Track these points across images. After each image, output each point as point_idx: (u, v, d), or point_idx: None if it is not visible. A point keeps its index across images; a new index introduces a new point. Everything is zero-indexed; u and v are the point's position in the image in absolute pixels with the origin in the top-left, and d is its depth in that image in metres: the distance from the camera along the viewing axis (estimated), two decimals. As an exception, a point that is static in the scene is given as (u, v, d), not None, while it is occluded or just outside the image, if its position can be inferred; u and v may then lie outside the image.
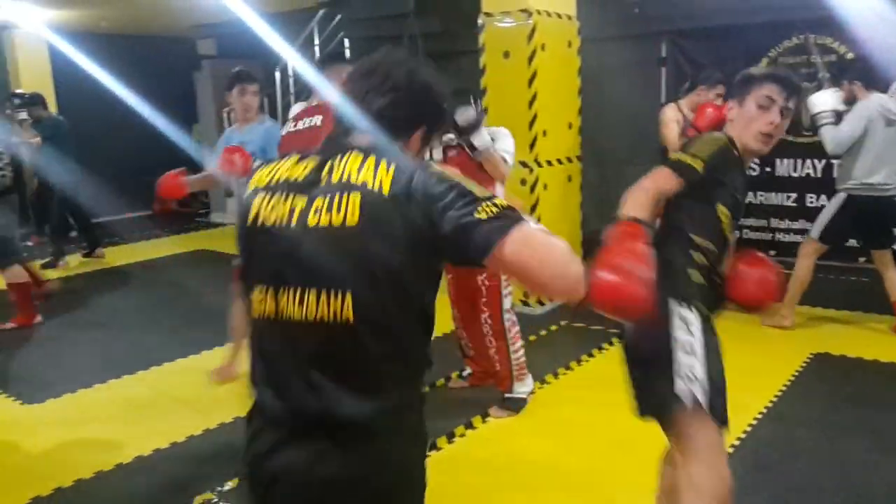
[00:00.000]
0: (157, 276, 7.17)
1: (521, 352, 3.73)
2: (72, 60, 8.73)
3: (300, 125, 2.96)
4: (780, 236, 6.37)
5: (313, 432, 1.28)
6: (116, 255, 7.96)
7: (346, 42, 8.37)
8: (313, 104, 3.08)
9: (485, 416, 3.70)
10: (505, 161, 3.57)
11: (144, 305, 6.10)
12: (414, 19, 7.16)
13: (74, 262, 7.66)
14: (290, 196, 1.32)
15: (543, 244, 1.22)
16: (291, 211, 1.31)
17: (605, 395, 3.91)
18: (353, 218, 1.25)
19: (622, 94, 6.62)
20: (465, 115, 3.42)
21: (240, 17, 7.63)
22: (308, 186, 1.32)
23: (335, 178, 1.30)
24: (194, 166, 10.98)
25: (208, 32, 10.50)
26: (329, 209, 1.27)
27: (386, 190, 1.25)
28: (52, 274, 6.95)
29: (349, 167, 1.30)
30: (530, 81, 5.06)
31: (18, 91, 7.47)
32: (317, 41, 8.33)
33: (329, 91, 2.98)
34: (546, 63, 5.14)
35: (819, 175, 6.09)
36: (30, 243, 8.02)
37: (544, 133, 5.19)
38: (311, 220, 1.28)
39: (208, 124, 10.13)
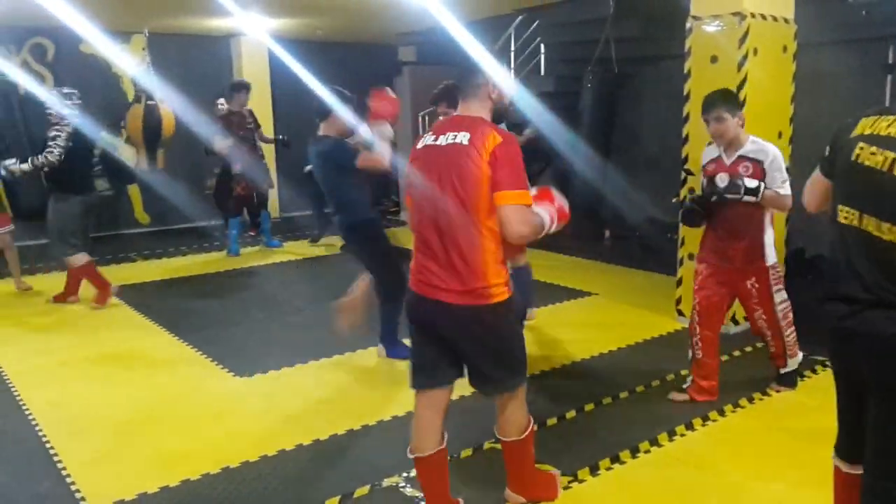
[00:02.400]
0: (352, 268, 7.57)
1: (794, 333, 3.99)
2: (286, 66, 9.48)
3: (441, 140, 2.61)
4: None
5: (875, 305, 1.90)
6: (319, 246, 8.57)
7: (542, 48, 8.42)
8: (456, 114, 2.74)
9: (671, 434, 3.56)
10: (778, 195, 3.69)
11: (341, 294, 6.47)
12: (613, 24, 7.05)
13: (300, 248, 8.46)
14: (885, 148, 1.85)
15: None
16: (884, 160, 1.84)
17: (802, 423, 3.65)
18: None
19: (840, 103, 6.10)
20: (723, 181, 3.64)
21: (440, 25, 7.92)
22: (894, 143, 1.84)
23: None
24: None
25: (410, 40, 10.97)
26: None
27: None
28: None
29: None
30: (739, 87, 4.79)
31: None
32: (513, 47, 8.45)
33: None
34: (757, 68, 4.84)
35: None
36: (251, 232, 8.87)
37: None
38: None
39: (405, 127, 10.58)
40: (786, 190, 3.67)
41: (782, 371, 4.07)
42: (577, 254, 7.65)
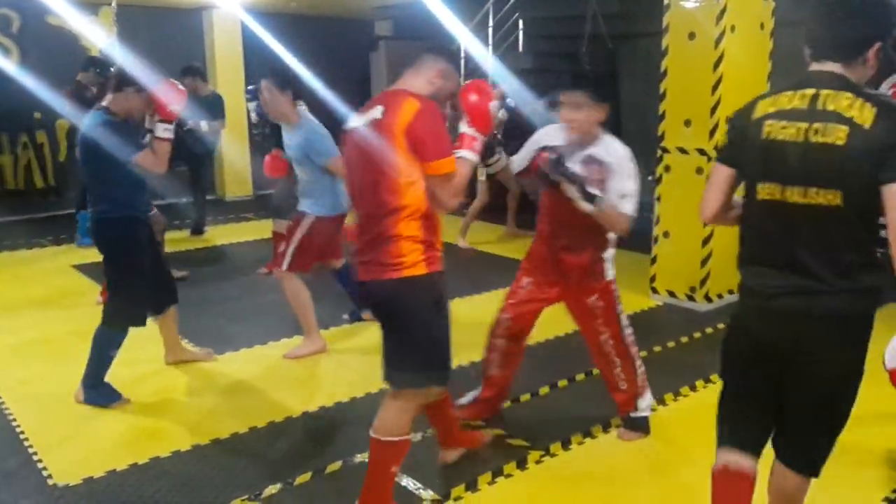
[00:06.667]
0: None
1: (643, 366, 3.37)
2: (260, 40, 9.33)
3: (360, 119, 2.48)
4: None
5: (797, 286, 1.93)
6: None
7: (521, 23, 8.34)
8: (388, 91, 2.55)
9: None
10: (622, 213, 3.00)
11: (316, 275, 6.41)
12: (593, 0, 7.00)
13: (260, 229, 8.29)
14: (794, 120, 1.89)
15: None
16: (797, 131, 1.88)
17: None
18: (842, 141, 1.82)
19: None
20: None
21: (418, -1, 7.81)
22: (807, 114, 1.88)
23: (829, 108, 1.86)
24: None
25: (386, 14, 10.83)
26: (825, 133, 1.84)
27: (868, 125, 1.80)
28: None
29: (839, 103, 1.85)
30: (716, 65, 4.79)
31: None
32: (491, 22, 8.36)
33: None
34: (735, 46, 4.83)
35: None
36: None
37: (727, 120, 4.89)
38: (812, 139, 1.86)
39: (381, 103, 10.47)
40: (625, 208, 3.01)
41: (632, 415, 3.37)
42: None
